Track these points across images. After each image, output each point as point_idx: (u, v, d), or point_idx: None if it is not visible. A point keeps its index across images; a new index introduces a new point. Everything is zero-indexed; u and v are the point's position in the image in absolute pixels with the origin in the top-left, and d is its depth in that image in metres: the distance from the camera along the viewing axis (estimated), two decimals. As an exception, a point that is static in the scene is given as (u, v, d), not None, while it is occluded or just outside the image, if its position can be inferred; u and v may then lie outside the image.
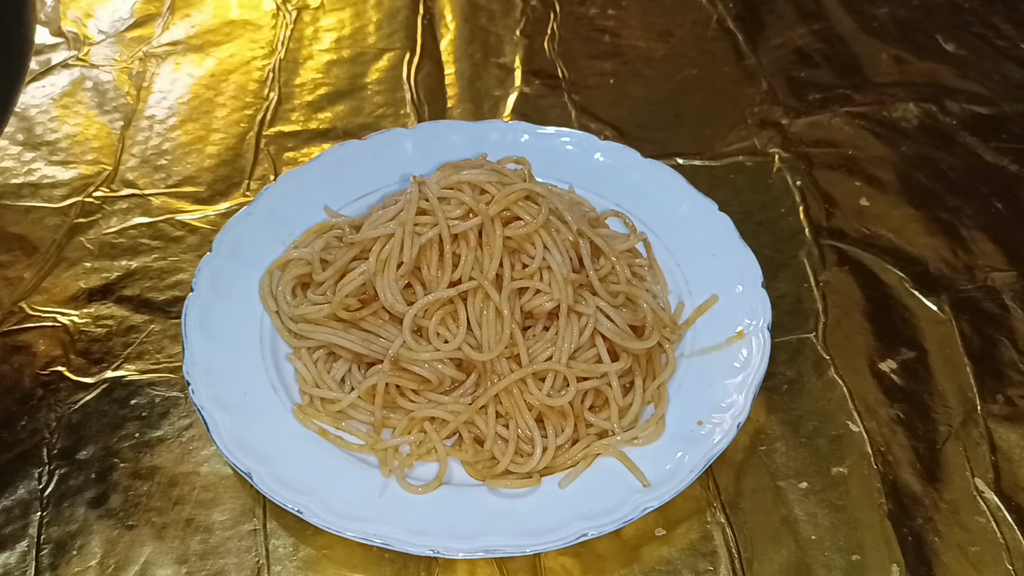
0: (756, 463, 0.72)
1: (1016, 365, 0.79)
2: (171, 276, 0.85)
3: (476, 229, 0.71)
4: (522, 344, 0.69)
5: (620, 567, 0.66)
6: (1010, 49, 1.11)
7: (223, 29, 1.15)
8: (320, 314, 0.74)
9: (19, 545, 0.67)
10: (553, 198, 0.74)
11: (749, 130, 1.01)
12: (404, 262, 0.71)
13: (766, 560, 0.67)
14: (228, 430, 0.68)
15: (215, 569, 0.66)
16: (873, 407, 0.76)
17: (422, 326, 0.71)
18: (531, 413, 0.69)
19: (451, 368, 0.70)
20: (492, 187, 0.72)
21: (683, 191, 0.85)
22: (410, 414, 0.70)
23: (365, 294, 0.73)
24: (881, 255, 0.87)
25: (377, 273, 0.72)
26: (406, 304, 0.71)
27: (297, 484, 0.66)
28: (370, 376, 0.71)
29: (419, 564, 0.66)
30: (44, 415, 0.75)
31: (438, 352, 0.69)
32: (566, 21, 1.17)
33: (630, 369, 0.72)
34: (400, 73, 1.08)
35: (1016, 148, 0.98)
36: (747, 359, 0.73)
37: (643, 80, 1.09)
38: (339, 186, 0.86)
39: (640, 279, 0.77)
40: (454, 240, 0.71)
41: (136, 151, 0.98)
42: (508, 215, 0.72)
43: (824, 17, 1.17)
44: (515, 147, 0.88)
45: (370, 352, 0.72)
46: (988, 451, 0.73)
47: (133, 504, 0.70)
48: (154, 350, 0.79)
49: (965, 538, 0.68)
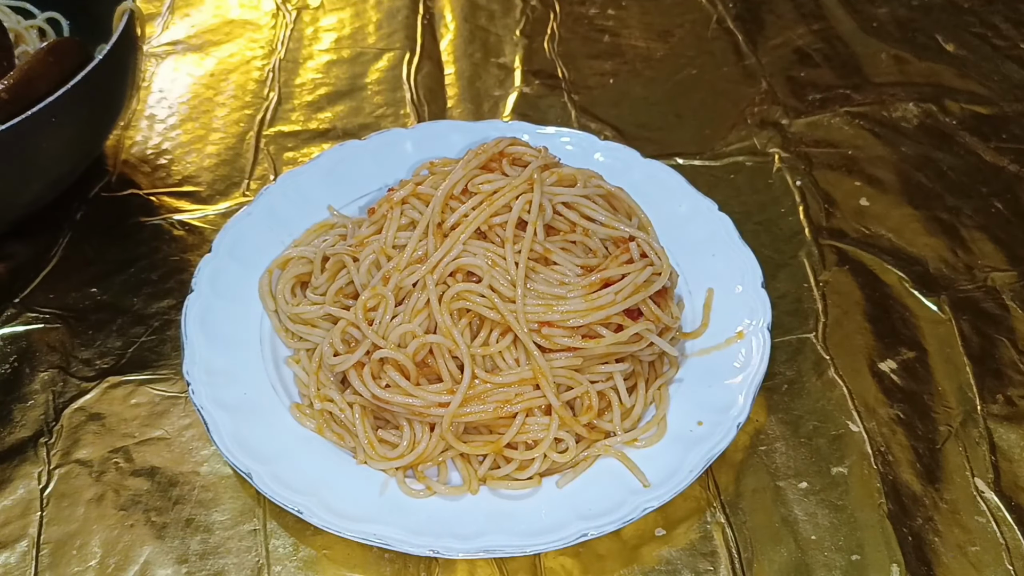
0: (756, 463, 0.72)
1: (1016, 365, 0.79)
2: (171, 276, 0.85)
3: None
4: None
5: (620, 567, 0.66)
6: (1010, 49, 1.11)
7: (223, 29, 1.15)
8: (317, 314, 0.74)
9: (19, 545, 0.67)
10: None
11: (749, 130, 1.01)
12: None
13: (766, 560, 0.67)
14: (228, 430, 0.68)
15: (215, 569, 0.66)
16: (873, 407, 0.76)
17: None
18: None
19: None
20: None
21: (683, 191, 0.85)
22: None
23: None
24: (881, 255, 0.87)
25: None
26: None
27: (297, 484, 0.66)
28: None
29: (419, 564, 0.66)
30: (44, 415, 0.75)
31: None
32: (566, 21, 1.17)
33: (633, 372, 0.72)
34: (400, 73, 1.08)
35: (1016, 148, 0.98)
36: (747, 359, 0.73)
37: (643, 80, 1.09)
38: (339, 186, 0.86)
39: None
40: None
41: (136, 151, 0.98)
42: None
43: (824, 17, 1.17)
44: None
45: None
46: (988, 451, 0.73)
47: (133, 504, 0.70)
48: (154, 350, 0.79)
49: (965, 538, 0.68)
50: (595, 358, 0.70)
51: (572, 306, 0.68)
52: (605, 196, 0.76)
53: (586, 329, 0.69)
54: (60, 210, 0.90)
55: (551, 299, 0.69)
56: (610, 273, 0.70)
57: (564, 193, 0.74)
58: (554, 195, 0.73)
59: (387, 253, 0.73)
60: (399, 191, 0.75)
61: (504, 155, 0.75)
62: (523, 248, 0.69)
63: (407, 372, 0.68)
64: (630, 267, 0.70)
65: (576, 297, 0.69)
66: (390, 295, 0.70)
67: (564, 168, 0.76)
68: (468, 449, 0.68)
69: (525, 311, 0.68)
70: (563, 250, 0.72)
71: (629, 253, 0.71)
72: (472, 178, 0.73)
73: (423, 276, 0.69)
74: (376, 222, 0.76)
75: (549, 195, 0.73)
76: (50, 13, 0.99)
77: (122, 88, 0.88)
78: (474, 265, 0.69)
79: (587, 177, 0.76)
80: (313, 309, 0.75)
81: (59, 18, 0.99)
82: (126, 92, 0.89)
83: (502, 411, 0.68)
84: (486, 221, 0.71)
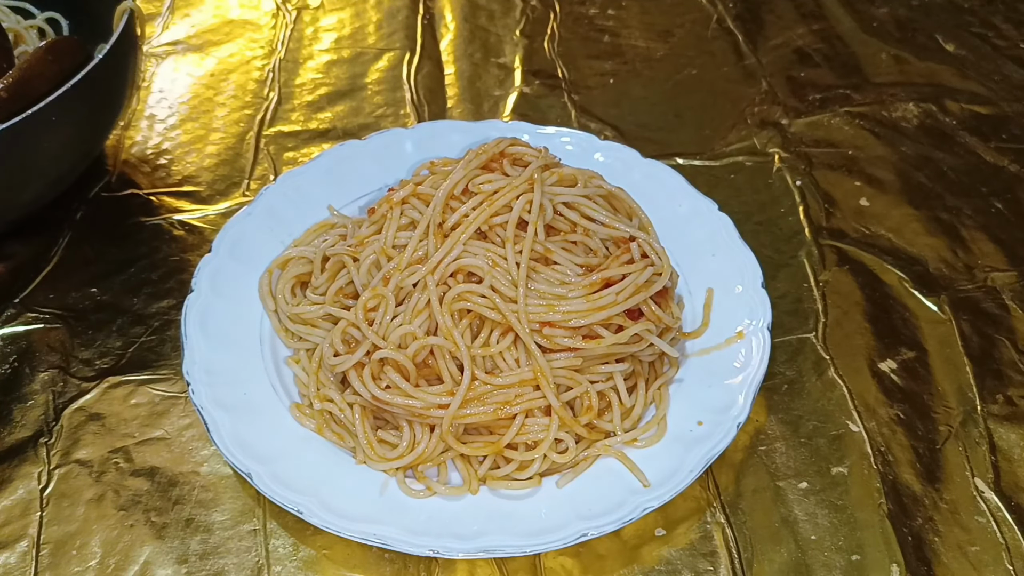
0: (756, 463, 0.72)
1: (1016, 365, 0.79)
2: (171, 276, 0.85)
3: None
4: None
5: (620, 567, 0.66)
6: (1010, 49, 1.11)
7: (223, 29, 1.15)
8: (317, 314, 0.74)
9: (19, 545, 0.67)
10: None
11: (749, 130, 1.01)
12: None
13: (766, 560, 0.67)
14: (228, 430, 0.68)
15: (215, 569, 0.66)
16: (873, 407, 0.76)
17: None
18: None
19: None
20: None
21: (683, 191, 0.85)
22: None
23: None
24: (881, 255, 0.87)
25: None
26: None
27: (297, 484, 0.66)
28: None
29: (419, 564, 0.66)
30: (44, 415, 0.75)
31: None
32: (566, 21, 1.17)
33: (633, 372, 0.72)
34: (400, 73, 1.08)
35: (1016, 148, 0.99)
36: (747, 359, 0.73)
37: (643, 80, 1.09)
38: (339, 186, 0.86)
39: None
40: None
41: (136, 151, 0.98)
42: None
43: (824, 17, 1.17)
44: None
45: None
46: (988, 451, 0.73)
47: (133, 504, 0.70)
48: (154, 350, 0.79)
49: (965, 538, 0.68)
50: (595, 358, 0.70)
51: (573, 306, 0.68)
52: (606, 196, 0.76)
53: (586, 329, 0.69)
54: (60, 210, 0.90)
55: (552, 299, 0.69)
56: (611, 273, 0.70)
57: (565, 193, 0.74)
58: (555, 195, 0.73)
59: (387, 253, 0.73)
60: (399, 191, 0.75)
61: (505, 155, 0.75)
62: (524, 248, 0.69)
63: (407, 373, 0.68)
64: (631, 267, 0.70)
65: (577, 297, 0.69)
66: (390, 295, 0.70)
67: (564, 168, 0.76)
68: (468, 451, 0.68)
69: (527, 311, 0.68)
70: (564, 250, 0.72)
71: (630, 253, 0.71)
72: (473, 178, 0.73)
73: (424, 276, 0.69)
74: (376, 222, 0.76)
75: (550, 195, 0.73)
76: (50, 13, 0.99)
77: (122, 88, 0.88)
78: (475, 266, 0.69)
79: (587, 177, 0.76)
80: (313, 309, 0.75)
81: (59, 18, 0.99)
82: (126, 92, 0.89)
83: (502, 412, 0.68)
84: (486, 221, 0.71)
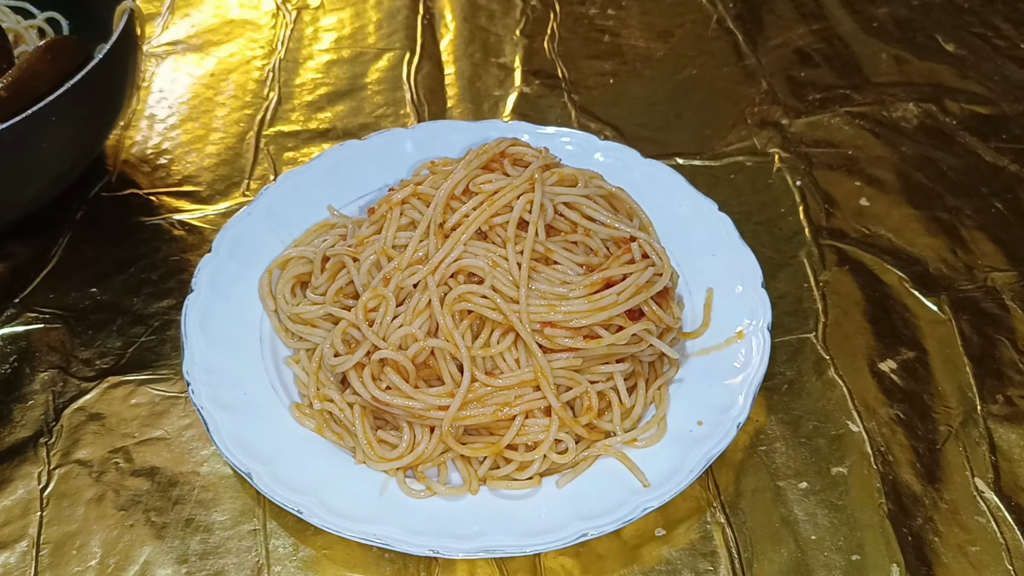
0: (756, 463, 0.72)
1: (1016, 365, 0.79)
2: (171, 276, 0.85)
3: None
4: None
5: (620, 567, 0.66)
6: (1010, 49, 1.11)
7: (223, 29, 1.15)
8: (317, 314, 0.74)
9: (19, 545, 0.67)
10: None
11: (749, 130, 1.01)
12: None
13: (766, 560, 0.67)
14: (228, 430, 0.68)
15: (215, 569, 0.66)
16: (873, 407, 0.76)
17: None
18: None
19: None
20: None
21: (683, 191, 0.85)
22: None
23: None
24: (881, 255, 0.87)
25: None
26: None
27: (297, 484, 0.66)
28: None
29: (419, 564, 0.66)
30: (44, 415, 0.75)
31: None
32: (566, 21, 1.17)
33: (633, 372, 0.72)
34: (400, 73, 1.08)
35: (1016, 148, 0.99)
36: (747, 359, 0.73)
37: (643, 80, 1.09)
38: (339, 186, 0.86)
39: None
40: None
41: (136, 151, 0.98)
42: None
43: (824, 17, 1.17)
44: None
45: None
46: (988, 451, 0.73)
47: (133, 504, 0.70)
48: (154, 350, 0.79)
49: (965, 538, 0.68)
50: (595, 358, 0.70)
51: (575, 306, 0.68)
52: (606, 196, 0.76)
53: (587, 330, 0.69)
54: (60, 210, 0.90)
55: (554, 299, 0.69)
56: (612, 273, 0.70)
57: (565, 193, 0.74)
58: (555, 195, 0.73)
59: (388, 254, 0.73)
60: (399, 191, 0.75)
61: (505, 155, 0.75)
62: (525, 248, 0.69)
63: (407, 374, 0.68)
64: (632, 267, 0.70)
65: (579, 297, 0.69)
66: (391, 296, 0.70)
67: (565, 168, 0.76)
68: (468, 452, 0.68)
69: (528, 311, 0.68)
70: (564, 250, 0.72)
71: (631, 253, 0.71)
72: (473, 178, 0.73)
73: (424, 277, 0.69)
74: (376, 222, 0.76)
75: (550, 195, 0.73)
76: (50, 13, 0.99)
77: (122, 88, 0.88)
78: (476, 266, 0.69)
79: (588, 177, 0.76)
80: (313, 309, 0.75)
81: (59, 18, 0.99)
82: (126, 92, 0.89)
83: (502, 413, 0.68)
84: (487, 221, 0.71)
